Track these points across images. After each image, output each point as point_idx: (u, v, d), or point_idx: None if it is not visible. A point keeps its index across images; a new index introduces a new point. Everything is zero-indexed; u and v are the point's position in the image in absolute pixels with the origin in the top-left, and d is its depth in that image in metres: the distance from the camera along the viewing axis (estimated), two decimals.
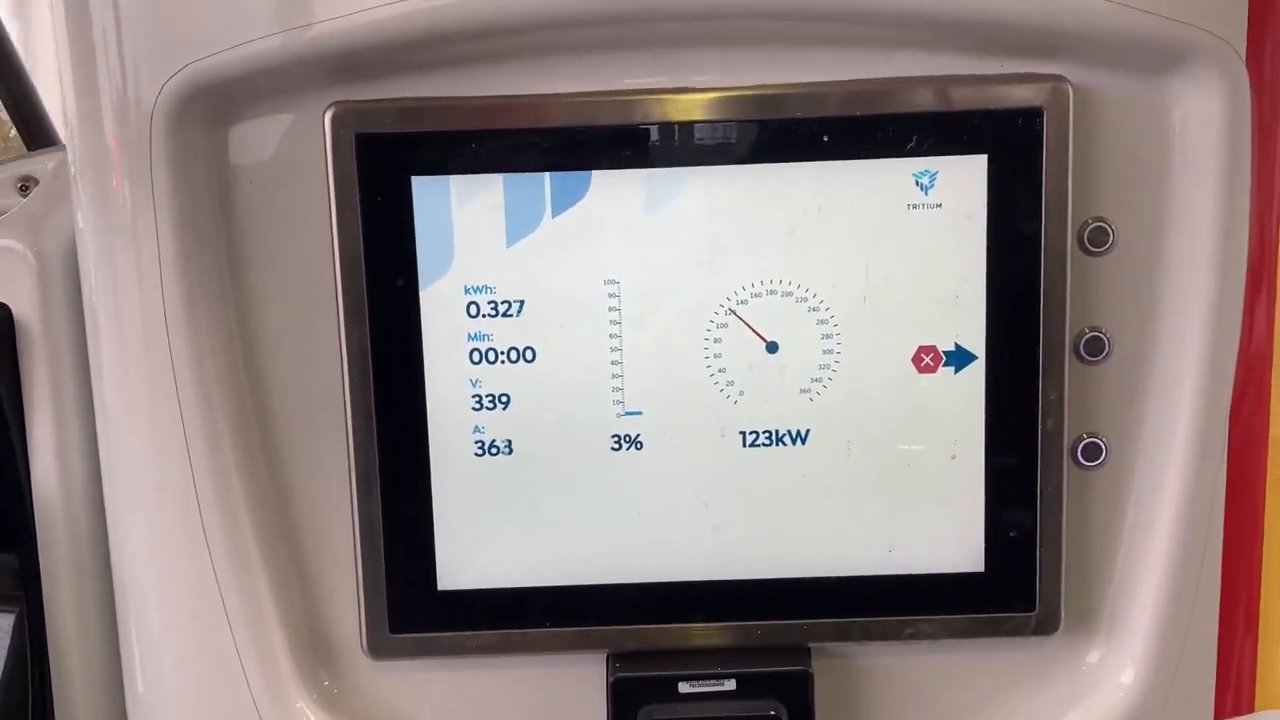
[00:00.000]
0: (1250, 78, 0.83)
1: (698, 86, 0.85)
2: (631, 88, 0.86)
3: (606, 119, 0.85)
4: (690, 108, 0.85)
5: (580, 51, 0.85)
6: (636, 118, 0.85)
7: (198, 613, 0.92)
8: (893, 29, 0.84)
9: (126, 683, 0.98)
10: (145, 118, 0.84)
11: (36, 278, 0.95)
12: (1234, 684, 0.94)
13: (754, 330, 0.88)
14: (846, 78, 0.86)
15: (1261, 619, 0.94)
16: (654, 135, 0.85)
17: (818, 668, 0.92)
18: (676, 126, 0.85)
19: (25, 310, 0.95)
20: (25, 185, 1.04)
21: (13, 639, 1.01)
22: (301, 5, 0.82)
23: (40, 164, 1.04)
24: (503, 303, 0.88)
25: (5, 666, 1.00)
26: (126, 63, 0.84)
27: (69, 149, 0.88)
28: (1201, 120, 0.86)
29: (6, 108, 1.55)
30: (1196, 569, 0.91)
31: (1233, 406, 0.90)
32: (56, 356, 0.96)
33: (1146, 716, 0.93)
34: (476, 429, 0.89)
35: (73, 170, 0.88)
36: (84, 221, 0.88)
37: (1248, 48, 0.83)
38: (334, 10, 0.81)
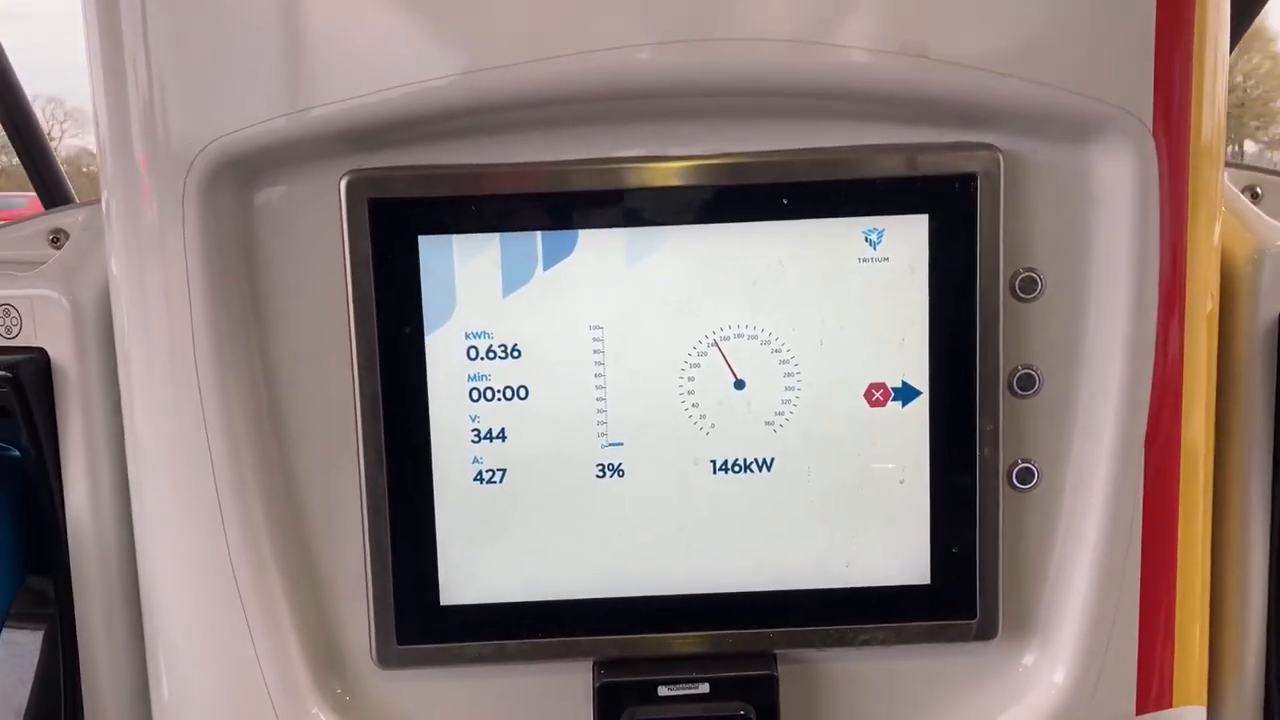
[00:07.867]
0: (1156, 145, 0.94)
1: (673, 155, 0.94)
2: (614, 156, 0.94)
3: (592, 184, 0.94)
4: (666, 174, 0.94)
5: (568, 124, 0.94)
6: (619, 183, 0.94)
7: (221, 627, 0.99)
8: (846, 104, 0.94)
9: (152, 691, 1.04)
10: (179, 184, 0.92)
11: (72, 323, 1.02)
12: (1155, 681, 1.03)
13: (729, 364, 0.96)
14: (804, 146, 0.95)
15: (1178, 622, 1.02)
16: (634, 198, 0.94)
17: (783, 672, 1.00)
18: (654, 191, 0.94)
19: (61, 354, 1.02)
20: (56, 237, 1.09)
21: (43, 652, 1.08)
22: (314, 88, 0.90)
23: (70, 217, 1.10)
24: (499, 346, 0.96)
25: (36, 678, 1.07)
26: (160, 136, 0.92)
27: (105, 206, 0.95)
28: (1116, 181, 0.95)
29: (25, 169, 1.61)
30: (1119, 578, 1.00)
31: (1148, 426, 0.99)
32: (90, 395, 1.03)
33: (1076, 711, 1.02)
34: (475, 459, 0.98)
35: (109, 225, 0.95)
36: (118, 270, 0.96)
37: (1153, 120, 0.93)
38: (342, 93, 0.90)
